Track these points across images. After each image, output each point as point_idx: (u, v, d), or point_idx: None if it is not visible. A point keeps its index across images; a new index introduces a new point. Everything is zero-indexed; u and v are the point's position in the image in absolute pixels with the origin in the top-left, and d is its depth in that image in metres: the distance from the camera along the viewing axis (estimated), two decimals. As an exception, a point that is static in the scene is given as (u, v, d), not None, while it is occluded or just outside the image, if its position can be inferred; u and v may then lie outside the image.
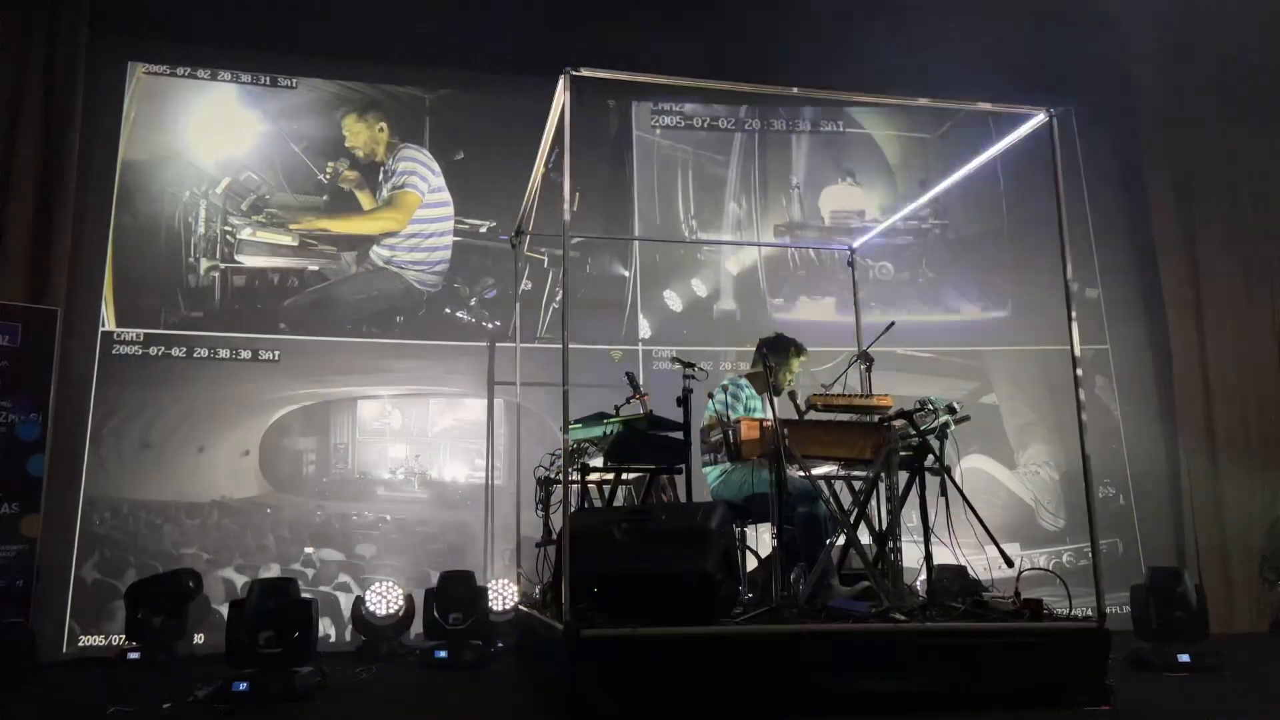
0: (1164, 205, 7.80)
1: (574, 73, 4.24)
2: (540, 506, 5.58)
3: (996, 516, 7.21)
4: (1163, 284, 7.73)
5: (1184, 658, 5.07)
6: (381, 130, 7.47)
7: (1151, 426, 7.58)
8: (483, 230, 7.46)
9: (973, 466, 7.32)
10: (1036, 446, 7.56)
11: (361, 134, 7.44)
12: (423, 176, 7.49)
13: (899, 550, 4.51)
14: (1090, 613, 4.46)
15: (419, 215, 7.43)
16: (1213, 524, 7.29)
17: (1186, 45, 7.82)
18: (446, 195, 7.48)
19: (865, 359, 5.62)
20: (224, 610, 4.80)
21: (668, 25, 7.00)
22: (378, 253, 7.29)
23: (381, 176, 7.44)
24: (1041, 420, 7.58)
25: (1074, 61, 7.74)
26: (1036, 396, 7.61)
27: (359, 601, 6.26)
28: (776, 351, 5.02)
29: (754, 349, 5.20)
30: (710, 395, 5.06)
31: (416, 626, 6.08)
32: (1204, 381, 7.52)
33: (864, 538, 4.68)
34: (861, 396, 4.83)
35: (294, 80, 7.43)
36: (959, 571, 5.09)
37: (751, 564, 5.00)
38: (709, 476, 4.97)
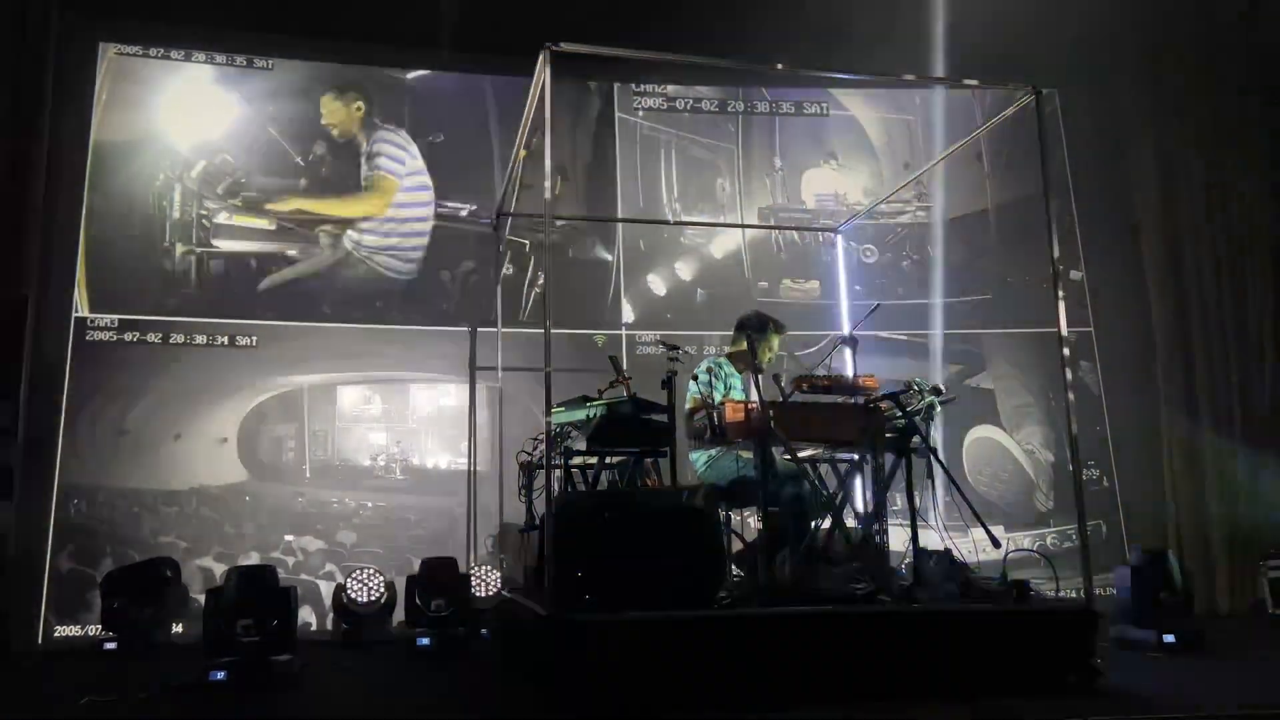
0: (1146, 188, 7.80)
1: (554, 48, 4.16)
2: (523, 491, 5.53)
3: (1000, 487, 7.22)
4: (1145, 266, 7.74)
5: (1169, 638, 5.07)
6: (359, 110, 7.36)
7: (1134, 408, 7.59)
8: (463, 214, 7.37)
9: (982, 436, 7.32)
10: (1030, 428, 7.56)
11: (339, 113, 7.32)
12: (399, 159, 7.37)
13: (885, 532, 4.49)
14: (1075, 594, 4.46)
15: (395, 200, 7.33)
16: (1195, 505, 7.31)
17: (1170, 29, 7.79)
18: (426, 179, 7.37)
19: (850, 341, 5.58)
20: (203, 599, 4.72)
21: (651, 5, 6.90)
22: (350, 237, 7.19)
23: (362, 157, 7.33)
24: (1028, 401, 7.58)
25: (1058, 44, 7.70)
26: (1025, 379, 7.61)
27: (340, 589, 6.18)
28: (756, 329, 4.99)
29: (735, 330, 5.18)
30: (694, 377, 5.01)
31: (399, 614, 6.03)
32: (1186, 363, 7.53)
33: (849, 520, 4.65)
34: (847, 378, 4.79)
35: (270, 61, 7.31)
36: (945, 554, 5.07)
37: (736, 547, 4.97)
38: (696, 462, 4.92)
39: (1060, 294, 4.58)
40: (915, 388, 4.59)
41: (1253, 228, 7.70)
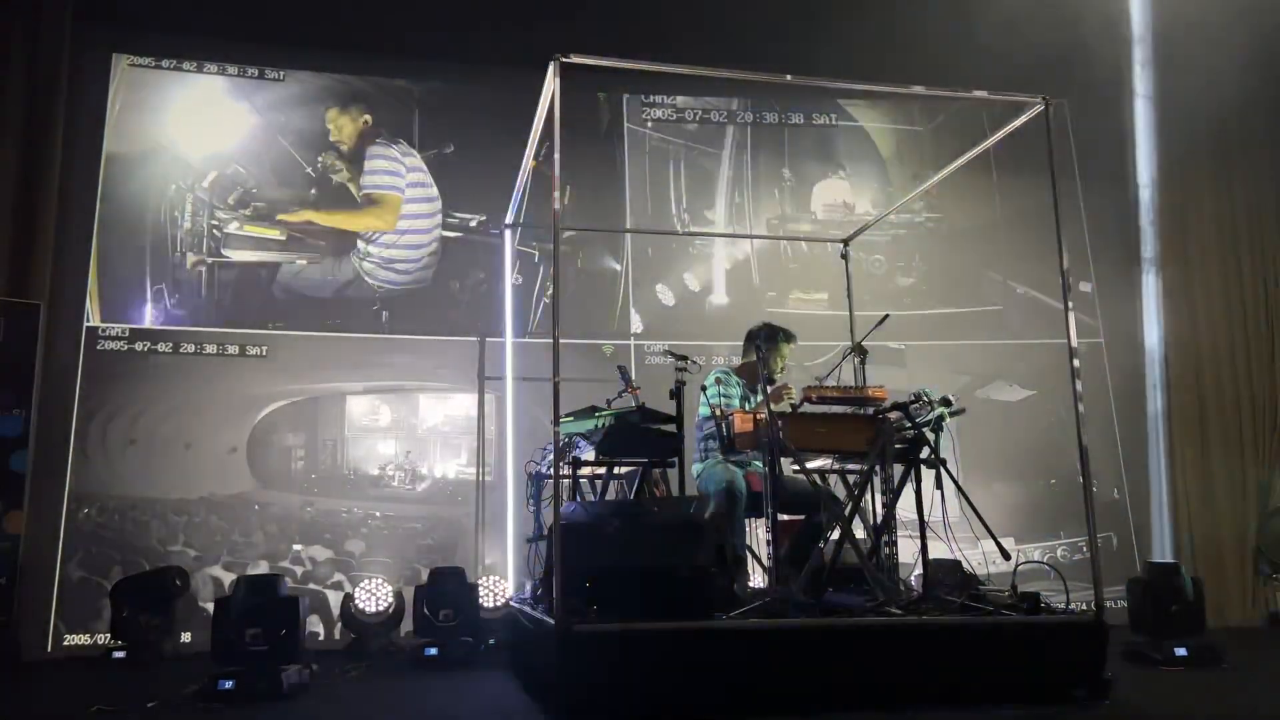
0: (1158, 201, 7.77)
1: (564, 59, 4.17)
2: (531, 501, 5.53)
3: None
4: (1156, 278, 7.71)
5: (1181, 651, 5.04)
6: (365, 122, 7.39)
7: (1144, 420, 7.55)
8: (472, 224, 7.39)
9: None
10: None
11: (346, 127, 7.36)
12: (395, 173, 7.37)
13: (895, 544, 4.48)
14: (1086, 607, 4.43)
15: (401, 211, 7.35)
16: (1205, 518, 7.27)
17: (1181, 42, 7.76)
18: (431, 190, 7.38)
19: (859, 352, 5.56)
20: (211, 608, 4.72)
21: (660, 16, 6.93)
22: (360, 248, 7.20)
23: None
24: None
25: (1067, 56, 7.68)
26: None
27: (348, 599, 6.20)
28: (766, 340, 4.97)
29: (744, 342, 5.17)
30: (704, 388, 5.00)
31: (406, 624, 6.03)
32: (1196, 375, 7.50)
33: (858, 532, 4.63)
34: (856, 389, 4.78)
35: (281, 72, 7.35)
36: (954, 565, 5.04)
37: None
38: (704, 473, 4.89)
39: (1069, 304, 4.56)
40: (925, 399, 4.57)
41: (1265, 240, 7.67)
